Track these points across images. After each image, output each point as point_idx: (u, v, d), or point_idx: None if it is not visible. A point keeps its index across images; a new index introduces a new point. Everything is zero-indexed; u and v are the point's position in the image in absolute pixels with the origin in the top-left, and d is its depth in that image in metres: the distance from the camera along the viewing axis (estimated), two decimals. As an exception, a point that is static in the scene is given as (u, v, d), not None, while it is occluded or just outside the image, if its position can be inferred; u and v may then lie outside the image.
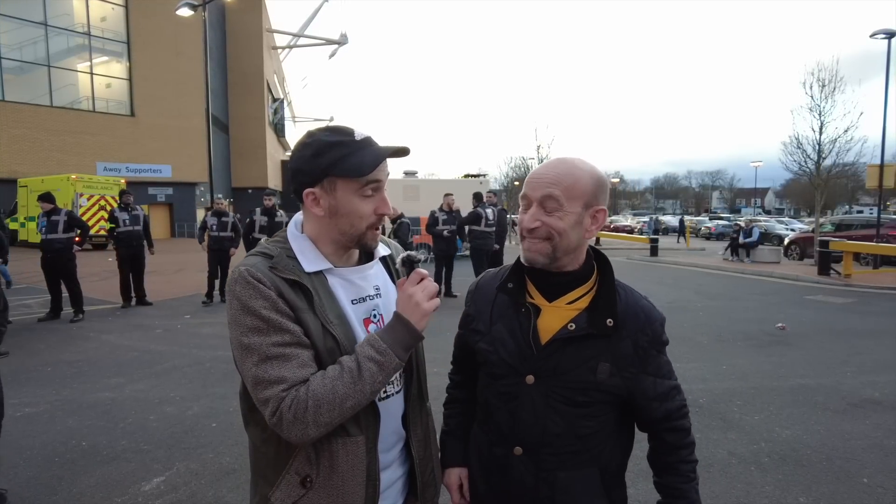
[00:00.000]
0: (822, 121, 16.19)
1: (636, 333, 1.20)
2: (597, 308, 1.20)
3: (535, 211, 1.18)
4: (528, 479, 1.23)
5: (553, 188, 1.16)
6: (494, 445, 1.29)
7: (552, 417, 1.20)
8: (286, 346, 1.05)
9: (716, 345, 6.66)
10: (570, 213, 1.16)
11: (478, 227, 9.73)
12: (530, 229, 1.18)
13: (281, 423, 1.02)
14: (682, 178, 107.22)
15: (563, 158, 1.21)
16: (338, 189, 1.12)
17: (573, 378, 1.18)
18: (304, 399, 1.02)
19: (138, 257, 9.03)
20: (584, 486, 1.22)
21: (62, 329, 7.35)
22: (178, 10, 16.46)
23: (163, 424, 4.10)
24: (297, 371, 1.04)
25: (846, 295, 10.78)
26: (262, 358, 1.04)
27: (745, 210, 76.02)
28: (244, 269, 1.09)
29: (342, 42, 41.94)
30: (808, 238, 17.81)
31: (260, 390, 1.04)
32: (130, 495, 3.09)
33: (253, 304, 1.05)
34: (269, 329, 1.05)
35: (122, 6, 26.28)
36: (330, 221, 1.15)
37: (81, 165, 23.20)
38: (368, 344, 1.08)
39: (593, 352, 1.18)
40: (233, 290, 1.08)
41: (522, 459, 1.23)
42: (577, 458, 1.22)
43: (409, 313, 1.10)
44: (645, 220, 45.73)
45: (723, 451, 3.70)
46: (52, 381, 5.10)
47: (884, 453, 3.68)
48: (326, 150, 1.11)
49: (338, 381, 1.03)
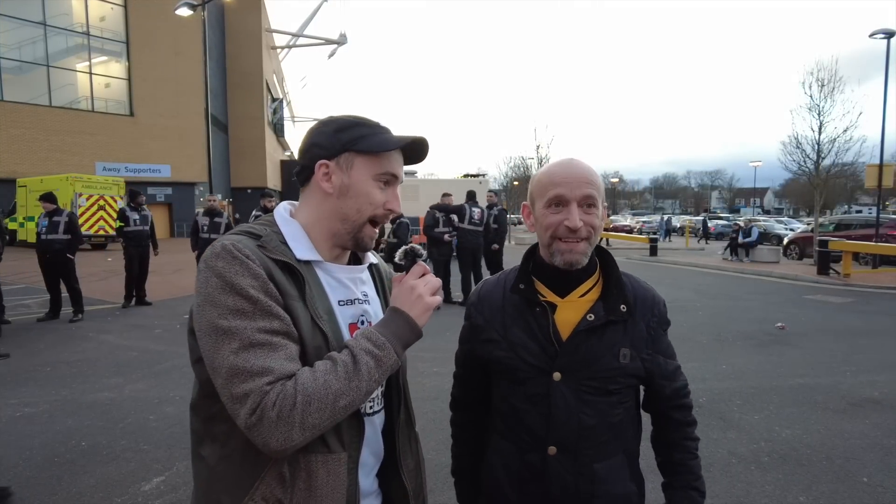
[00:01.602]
0: (822, 120, 16.23)
1: (647, 315, 1.25)
2: (610, 296, 1.22)
3: (577, 211, 1.17)
4: (567, 478, 1.21)
5: (590, 188, 1.18)
6: (526, 452, 1.25)
7: (585, 410, 1.20)
8: (274, 334, 0.91)
9: (715, 344, 6.66)
10: (600, 210, 1.20)
11: (462, 224, 9.43)
12: (574, 230, 1.16)
13: (261, 423, 0.86)
14: (682, 177, 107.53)
15: (575, 158, 1.22)
16: (354, 167, 1.05)
17: (602, 367, 1.20)
18: (292, 394, 0.87)
19: (145, 257, 9.04)
20: (617, 474, 1.24)
21: (61, 329, 7.35)
22: (178, 10, 16.43)
23: (162, 424, 4.10)
24: (285, 363, 0.90)
25: (845, 294, 10.79)
26: (245, 344, 0.88)
27: (744, 210, 76.07)
28: (228, 242, 0.95)
29: (341, 42, 41.94)
30: (807, 238, 17.83)
31: (237, 383, 0.87)
32: (130, 495, 3.09)
33: (239, 282, 0.91)
34: (256, 312, 0.90)
35: (121, 6, 26.26)
36: (336, 203, 1.05)
37: (80, 165, 23.18)
38: (364, 337, 0.97)
39: (614, 338, 1.21)
40: (212, 266, 0.92)
41: (558, 459, 1.21)
42: (609, 446, 1.24)
43: (410, 307, 1.01)
44: (645, 219, 45.71)
45: (723, 451, 3.70)
46: (51, 381, 5.09)
47: (883, 452, 3.68)
48: (350, 128, 1.06)
49: (330, 376, 0.90)
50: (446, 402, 1.53)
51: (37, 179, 19.88)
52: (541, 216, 1.21)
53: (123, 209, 9.11)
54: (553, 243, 1.19)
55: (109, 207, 19.75)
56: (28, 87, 23.72)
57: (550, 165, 1.25)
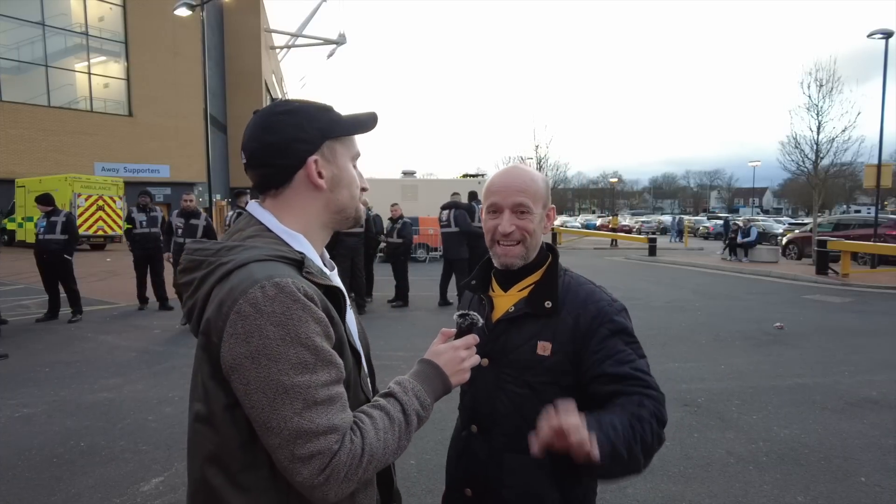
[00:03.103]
0: (820, 120, 16.26)
1: (576, 311, 1.26)
2: (536, 291, 1.30)
3: (509, 216, 1.28)
4: (480, 456, 1.31)
5: (522, 196, 1.29)
6: (461, 430, 1.40)
7: (500, 398, 1.28)
8: (334, 385, 0.86)
9: (714, 344, 6.67)
10: (535, 215, 1.29)
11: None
12: (507, 234, 1.28)
13: (328, 482, 0.82)
14: (681, 177, 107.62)
15: (517, 166, 1.37)
16: (337, 155, 1.01)
17: (518, 356, 1.27)
18: (359, 455, 0.85)
19: (154, 259, 8.66)
20: (532, 472, 1.24)
21: (60, 329, 7.34)
22: (176, 10, 16.42)
23: (161, 425, 4.10)
24: (345, 415, 0.86)
25: (844, 294, 10.81)
26: (310, 403, 0.82)
27: (742, 210, 76.15)
28: (288, 280, 0.84)
29: (340, 42, 41.89)
30: (805, 238, 17.86)
31: (302, 444, 0.81)
32: (129, 496, 3.09)
33: (304, 331, 0.82)
34: (318, 363, 0.83)
35: (119, 6, 26.21)
36: (330, 196, 1.01)
37: (79, 165, 23.13)
38: (414, 395, 0.97)
39: (533, 330, 1.26)
40: (267, 311, 0.81)
41: (478, 437, 1.32)
42: (525, 441, 1.21)
43: (452, 372, 1.04)
44: (644, 219, 45.61)
45: (721, 451, 3.71)
46: (50, 382, 5.09)
47: (881, 452, 3.69)
48: (318, 114, 1.00)
49: (388, 435, 0.90)
50: (445, 403, 1.54)
51: (35, 180, 19.84)
52: (484, 221, 1.35)
53: (130, 210, 8.83)
54: (493, 247, 1.32)
55: (108, 208, 19.73)
56: (26, 88, 23.67)
57: (495, 174, 1.37)
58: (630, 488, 3.17)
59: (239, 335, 0.82)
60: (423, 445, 3.61)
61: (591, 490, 1.32)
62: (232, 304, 0.83)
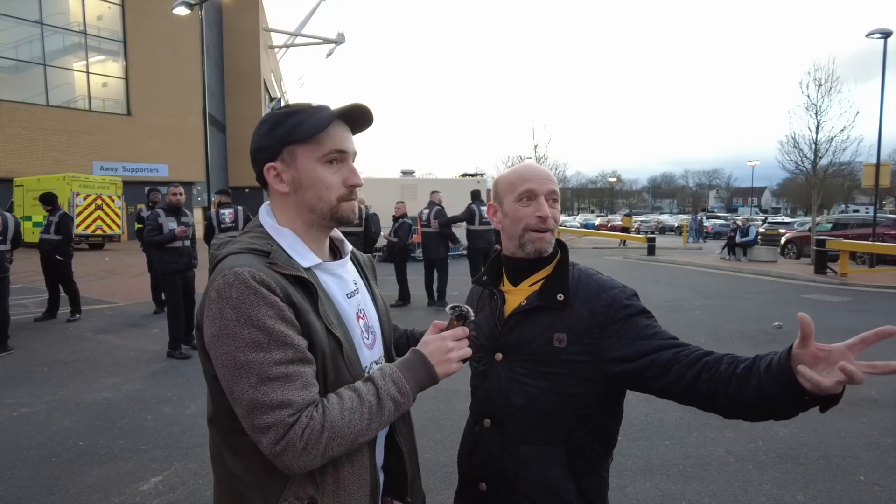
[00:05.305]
0: (819, 120, 16.27)
1: (590, 302, 1.27)
2: (548, 284, 1.30)
3: (545, 203, 1.30)
4: (494, 450, 1.31)
5: (554, 185, 1.33)
6: (474, 426, 1.40)
7: (514, 390, 1.28)
8: (289, 364, 0.93)
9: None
10: (558, 204, 1.35)
11: (472, 225, 9.40)
12: (545, 218, 1.29)
13: (285, 452, 0.90)
14: (680, 177, 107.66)
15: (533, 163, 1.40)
16: (298, 158, 1.05)
17: (533, 349, 1.27)
18: (319, 429, 0.92)
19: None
20: (547, 463, 1.25)
21: (59, 329, 7.33)
22: (175, 9, 16.40)
23: (160, 424, 4.09)
24: (302, 392, 0.93)
25: (843, 294, 10.82)
26: (262, 379, 0.91)
27: (741, 209, 76.22)
28: (245, 269, 0.94)
29: (339, 41, 41.86)
30: (804, 237, 17.88)
31: (258, 415, 0.90)
32: (128, 495, 3.09)
33: (255, 313, 0.91)
34: (271, 344, 0.92)
35: (118, 5, 26.17)
36: (297, 198, 1.07)
37: (77, 165, 23.10)
38: (391, 380, 1.01)
39: (548, 323, 1.27)
40: (226, 296, 0.92)
41: (490, 431, 1.32)
42: (540, 433, 1.26)
43: (437, 362, 1.05)
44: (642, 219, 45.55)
45: (720, 450, 3.71)
46: (48, 381, 5.08)
47: (880, 451, 3.70)
48: (283, 121, 1.06)
49: (355, 415, 0.95)
50: (445, 402, 1.55)
51: (34, 179, 19.81)
52: (512, 210, 1.33)
53: (140, 210, 8.76)
54: (525, 234, 1.31)
55: (107, 207, 19.70)
56: (25, 87, 23.63)
57: (516, 167, 1.38)
58: (629, 487, 3.17)
59: (209, 318, 0.95)
60: (423, 444, 3.59)
61: (604, 481, 1.33)
62: (208, 291, 0.97)
